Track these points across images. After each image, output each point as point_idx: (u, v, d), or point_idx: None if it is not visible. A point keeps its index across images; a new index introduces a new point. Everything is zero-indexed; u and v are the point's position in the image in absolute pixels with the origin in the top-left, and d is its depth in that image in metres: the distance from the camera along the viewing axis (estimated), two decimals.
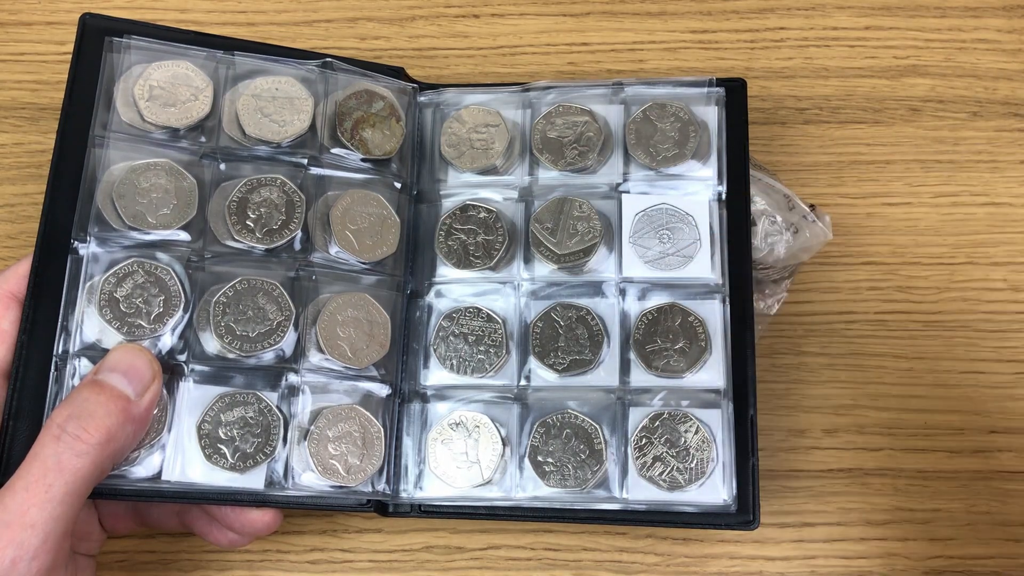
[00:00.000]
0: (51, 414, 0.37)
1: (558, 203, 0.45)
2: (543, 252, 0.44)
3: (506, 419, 0.44)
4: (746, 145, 0.45)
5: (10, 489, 0.35)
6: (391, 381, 0.44)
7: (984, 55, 0.54)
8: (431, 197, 0.47)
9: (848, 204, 0.52)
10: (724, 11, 0.56)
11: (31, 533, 0.34)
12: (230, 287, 0.41)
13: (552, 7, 0.56)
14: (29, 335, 0.40)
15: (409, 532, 0.48)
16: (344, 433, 0.42)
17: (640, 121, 0.46)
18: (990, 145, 0.53)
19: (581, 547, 0.47)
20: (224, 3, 0.57)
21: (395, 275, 0.45)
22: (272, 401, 0.41)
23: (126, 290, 0.41)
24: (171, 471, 0.40)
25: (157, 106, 0.43)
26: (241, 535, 0.42)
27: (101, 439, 0.36)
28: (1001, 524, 0.48)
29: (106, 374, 0.38)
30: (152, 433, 0.40)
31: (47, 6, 0.56)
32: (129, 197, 0.42)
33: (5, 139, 0.53)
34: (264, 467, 0.40)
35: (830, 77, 0.54)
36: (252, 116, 0.44)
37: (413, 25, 0.56)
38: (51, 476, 0.35)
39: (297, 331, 0.42)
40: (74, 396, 0.37)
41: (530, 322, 0.44)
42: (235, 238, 0.42)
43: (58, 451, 0.35)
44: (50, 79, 0.55)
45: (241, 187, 0.43)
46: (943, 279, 0.51)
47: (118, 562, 0.47)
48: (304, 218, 0.43)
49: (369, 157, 0.45)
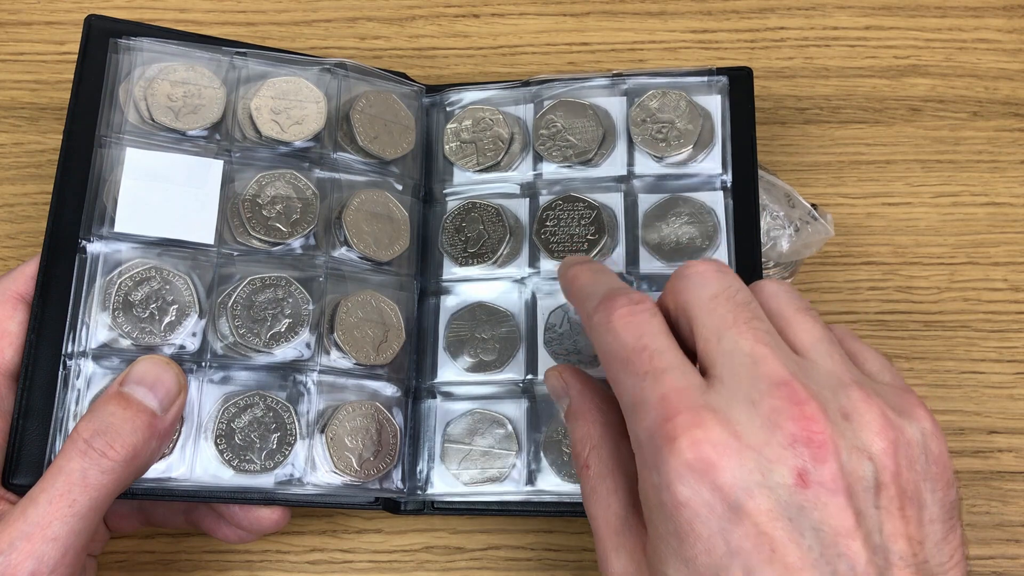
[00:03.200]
0: (76, 426, 0.37)
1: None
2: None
3: (517, 415, 0.44)
4: (753, 134, 0.45)
5: (32, 501, 0.35)
6: (404, 379, 0.44)
7: (984, 55, 0.54)
8: (437, 197, 0.47)
9: (848, 204, 0.52)
10: (724, 11, 0.56)
11: (52, 546, 0.34)
12: (246, 284, 0.42)
13: (552, 7, 0.56)
14: (38, 335, 0.40)
15: (409, 532, 0.48)
16: (361, 428, 0.42)
17: (642, 111, 0.46)
18: (990, 145, 0.53)
19: (581, 547, 0.47)
20: (224, 3, 0.57)
21: (407, 274, 0.45)
22: (281, 399, 0.41)
23: (141, 295, 0.41)
24: (181, 470, 0.40)
25: (171, 111, 0.43)
26: (249, 532, 0.42)
27: (127, 456, 0.36)
28: (1001, 524, 0.48)
29: (132, 387, 0.38)
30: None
31: (47, 6, 0.56)
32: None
33: (4, 139, 0.53)
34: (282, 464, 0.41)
35: (830, 77, 0.54)
36: (267, 116, 0.44)
37: (413, 25, 0.56)
38: (76, 491, 0.35)
39: (311, 330, 0.42)
40: (100, 409, 0.37)
41: (543, 316, 0.44)
42: (251, 234, 0.43)
43: (84, 467, 0.35)
44: (50, 79, 0.55)
45: (253, 184, 0.43)
46: (943, 279, 0.51)
47: (118, 562, 0.47)
48: (317, 216, 0.43)
49: (379, 159, 0.46)
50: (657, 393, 0.31)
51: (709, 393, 0.31)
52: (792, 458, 0.30)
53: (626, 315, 0.33)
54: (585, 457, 0.36)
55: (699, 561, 0.30)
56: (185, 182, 0.42)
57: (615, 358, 0.33)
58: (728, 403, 0.31)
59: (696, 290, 0.34)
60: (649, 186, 0.45)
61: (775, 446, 0.30)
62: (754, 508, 0.30)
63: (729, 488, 0.30)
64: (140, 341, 0.40)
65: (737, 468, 0.30)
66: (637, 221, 0.45)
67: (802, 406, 0.30)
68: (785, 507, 0.30)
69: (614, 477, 0.35)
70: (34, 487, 0.35)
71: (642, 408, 0.32)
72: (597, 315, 0.34)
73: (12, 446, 0.38)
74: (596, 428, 0.36)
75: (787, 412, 0.30)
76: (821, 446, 0.30)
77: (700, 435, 0.30)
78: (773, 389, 0.31)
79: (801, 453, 0.30)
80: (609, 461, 0.36)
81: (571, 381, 0.38)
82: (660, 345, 0.33)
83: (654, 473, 0.31)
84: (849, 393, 0.32)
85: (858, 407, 0.31)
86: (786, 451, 0.30)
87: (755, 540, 0.30)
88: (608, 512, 0.35)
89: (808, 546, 0.30)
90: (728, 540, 0.30)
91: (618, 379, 0.33)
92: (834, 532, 0.30)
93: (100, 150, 0.42)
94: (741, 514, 0.30)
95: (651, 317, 0.33)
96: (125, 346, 0.40)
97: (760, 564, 0.29)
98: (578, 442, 0.37)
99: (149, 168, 0.42)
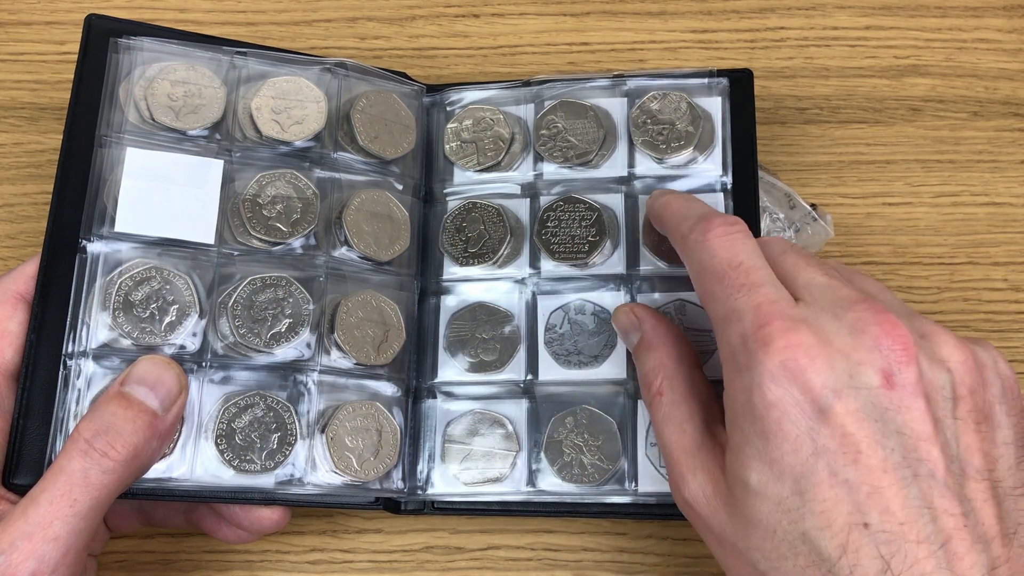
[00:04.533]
0: (77, 426, 0.37)
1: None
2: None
3: (517, 415, 0.44)
4: (754, 136, 0.45)
5: (33, 501, 0.35)
6: (404, 379, 0.44)
7: (985, 55, 0.54)
8: (438, 197, 0.47)
9: (848, 204, 0.52)
10: (724, 11, 0.56)
11: (53, 546, 0.34)
12: (246, 284, 0.42)
13: (552, 7, 0.56)
14: (38, 334, 0.40)
15: (409, 532, 0.48)
16: (361, 428, 0.42)
17: (642, 113, 0.46)
18: (991, 145, 0.53)
19: (581, 547, 0.47)
20: (224, 3, 0.56)
21: (407, 274, 0.45)
22: (282, 399, 0.41)
23: (142, 295, 0.41)
24: (181, 470, 0.40)
25: (171, 110, 0.43)
26: (249, 532, 0.42)
27: (128, 456, 0.36)
28: None
29: (133, 387, 0.38)
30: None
31: (47, 6, 0.56)
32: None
33: (4, 139, 0.53)
34: (282, 464, 0.41)
35: (830, 77, 0.54)
36: (267, 116, 0.44)
37: (413, 25, 0.56)
38: (77, 491, 0.35)
39: (312, 330, 0.42)
40: (101, 409, 0.37)
41: (544, 317, 0.44)
42: (251, 234, 0.43)
43: (85, 466, 0.35)
44: (50, 79, 0.55)
45: (253, 184, 0.43)
46: (943, 279, 0.51)
47: (118, 562, 0.47)
48: (318, 216, 0.43)
49: (380, 159, 0.46)
50: (752, 303, 0.33)
51: (799, 307, 0.33)
52: (879, 359, 0.32)
53: (722, 234, 0.36)
54: (658, 385, 0.38)
55: (784, 461, 0.32)
56: (185, 182, 0.42)
57: (711, 273, 0.35)
58: (816, 315, 0.33)
59: (768, 248, 0.37)
60: (650, 187, 0.45)
61: (862, 349, 0.32)
62: (842, 409, 0.31)
63: (819, 389, 0.31)
64: (140, 341, 0.40)
65: (827, 370, 0.31)
66: (638, 223, 0.45)
67: (884, 314, 0.32)
68: (871, 409, 0.31)
69: (688, 403, 0.37)
70: (35, 487, 0.35)
71: (736, 317, 0.34)
72: (693, 234, 0.37)
73: (12, 446, 0.38)
74: (670, 358, 0.38)
75: (871, 319, 0.32)
76: (906, 348, 0.32)
77: (794, 339, 0.32)
78: (854, 304, 0.33)
79: (887, 355, 0.32)
80: (682, 389, 0.38)
81: (643, 315, 0.40)
82: (754, 262, 0.35)
83: (745, 375, 0.33)
84: (922, 319, 0.34)
85: (933, 328, 0.34)
86: (872, 353, 0.32)
87: (841, 440, 0.31)
88: (683, 436, 0.37)
89: (891, 448, 0.31)
90: (815, 440, 0.31)
91: (713, 293, 0.35)
92: (916, 436, 0.31)
93: (100, 150, 0.42)
94: (829, 415, 0.31)
95: (745, 237, 0.36)
96: (125, 346, 0.40)
97: (845, 464, 0.31)
98: (650, 372, 0.39)
99: (149, 168, 0.42)
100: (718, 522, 0.34)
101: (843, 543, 0.31)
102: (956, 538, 0.31)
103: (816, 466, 0.31)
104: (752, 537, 0.33)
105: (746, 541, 0.33)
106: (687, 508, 0.36)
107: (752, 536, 0.33)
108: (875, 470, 0.31)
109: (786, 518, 0.32)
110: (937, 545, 0.30)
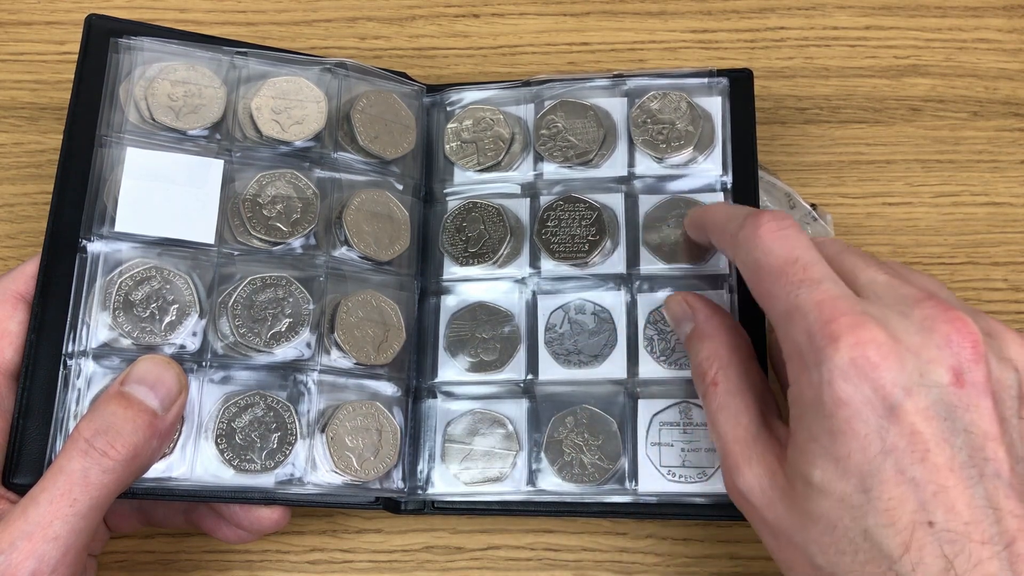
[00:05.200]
0: (77, 426, 0.37)
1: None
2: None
3: (517, 415, 0.44)
4: (754, 136, 0.45)
5: (33, 500, 0.35)
6: (404, 379, 0.44)
7: (985, 55, 0.54)
8: (438, 197, 0.47)
9: (848, 204, 0.52)
10: (724, 11, 0.56)
11: (53, 546, 0.34)
12: (246, 284, 0.42)
13: (552, 7, 0.56)
14: (38, 334, 0.40)
15: (409, 532, 0.48)
16: (361, 427, 0.42)
17: (642, 112, 0.46)
18: (990, 145, 0.53)
19: (581, 547, 0.47)
20: (224, 3, 0.56)
21: (407, 273, 0.45)
22: (282, 398, 0.41)
23: (142, 294, 0.41)
24: (181, 470, 0.40)
25: (172, 110, 0.43)
26: (249, 532, 0.42)
27: (128, 455, 0.36)
28: None
29: (133, 386, 0.38)
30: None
31: (47, 6, 0.56)
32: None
33: (4, 139, 0.53)
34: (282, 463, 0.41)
35: (830, 77, 0.54)
36: (268, 116, 0.44)
37: (413, 25, 0.56)
38: (77, 491, 0.35)
39: (312, 329, 0.42)
40: (101, 409, 0.37)
41: (544, 316, 0.44)
42: (251, 233, 0.43)
43: (85, 466, 0.35)
44: (50, 79, 0.55)
45: (254, 184, 0.43)
46: (944, 279, 0.51)
47: (117, 562, 0.47)
48: (318, 216, 0.43)
49: (380, 158, 0.46)
50: (814, 299, 0.33)
51: (863, 303, 0.33)
52: (949, 357, 0.31)
53: (775, 230, 0.35)
54: (713, 375, 0.38)
55: (852, 459, 0.31)
56: (186, 182, 0.42)
57: (767, 271, 0.35)
58: (882, 312, 0.32)
59: (824, 248, 0.37)
60: (650, 187, 0.45)
61: (931, 347, 0.32)
62: (912, 407, 0.31)
63: (890, 387, 0.31)
64: (140, 341, 0.40)
65: (898, 368, 0.31)
66: (638, 222, 0.45)
67: (952, 312, 0.32)
68: (940, 407, 0.31)
69: (743, 394, 0.37)
70: (35, 486, 0.35)
71: (798, 314, 0.33)
72: (743, 232, 0.36)
73: (12, 446, 0.38)
74: (724, 348, 0.38)
75: (939, 317, 0.32)
76: (975, 346, 0.32)
77: (865, 335, 0.31)
78: (920, 302, 0.33)
79: (957, 353, 0.32)
80: (737, 379, 0.37)
81: (697, 304, 0.40)
82: (811, 257, 0.34)
83: (814, 372, 0.32)
84: (986, 318, 0.34)
85: (998, 327, 0.34)
86: (942, 351, 0.31)
87: (909, 439, 0.31)
88: (738, 427, 0.36)
89: (959, 447, 0.31)
90: (884, 438, 0.31)
91: (771, 291, 0.35)
92: (983, 435, 0.31)
93: (100, 150, 0.42)
94: (899, 413, 0.31)
95: (798, 232, 0.35)
96: (125, 346, 0.40)
97: (912, 463, 0.31)
98: (704, 361, 0.38)
99: (149, 168, 0.42)
100: (774, 514, 0.34)
101: (906, 541, 0.31)
102: (1020, 540, 0.30)
103: (883, 464, 0.31)
104: (811, 531, 0.32)
105: (804, 535, 0.33)
106: (740, 499, 0.36)
107: (811, 530, 0.32)
108: (942, 469, 0.31)
109: (848, 515, 0.32)
110: (1001, 546, 0.30)
